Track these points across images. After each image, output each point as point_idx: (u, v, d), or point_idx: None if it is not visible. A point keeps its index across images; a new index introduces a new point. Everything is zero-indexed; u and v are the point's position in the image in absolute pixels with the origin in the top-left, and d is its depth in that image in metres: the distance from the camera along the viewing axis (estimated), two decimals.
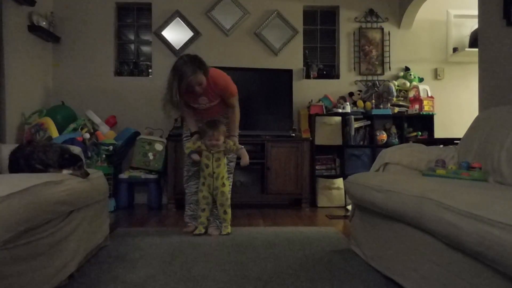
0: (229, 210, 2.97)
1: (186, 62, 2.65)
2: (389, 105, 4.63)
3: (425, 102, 4.62)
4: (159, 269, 2.05)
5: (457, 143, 2.34)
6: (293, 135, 4.42)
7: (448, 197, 1.33)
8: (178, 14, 4.74)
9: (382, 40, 4.94)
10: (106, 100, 4.68)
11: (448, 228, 1.26)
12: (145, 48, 4.96)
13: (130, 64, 4.87)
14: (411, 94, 4.77)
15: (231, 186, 3.08)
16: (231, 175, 3.12)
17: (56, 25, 4.55)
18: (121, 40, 4.92)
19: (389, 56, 4.94)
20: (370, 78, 4.94)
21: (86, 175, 2.07)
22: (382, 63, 4.94)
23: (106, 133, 4.24)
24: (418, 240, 1.57)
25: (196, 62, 2.66)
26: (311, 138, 4.47)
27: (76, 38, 4.68)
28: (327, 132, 4.52)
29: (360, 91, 4.86)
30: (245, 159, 2.99)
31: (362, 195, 2.08)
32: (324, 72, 4.96)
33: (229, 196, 2.98)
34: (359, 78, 4.94)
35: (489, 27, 3.00)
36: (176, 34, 4.76)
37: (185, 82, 2.62)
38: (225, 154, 2.95)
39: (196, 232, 2.91)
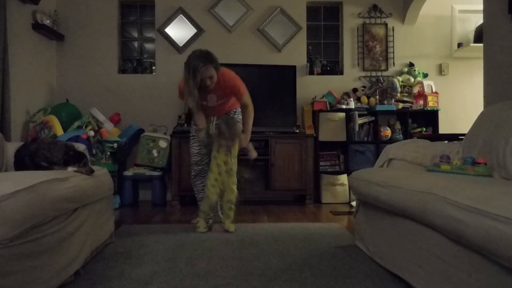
0: (234, 208, 2.99)
1: (198, 56, 2.74)
2: (393, 101, 4.62)
3: (429, 98, 4.60)
4: (164, 265, 2.06)
5: (461, 139, 2.33)
6: (297, 131, 4.42)
7: (452, 192, 1.33)
8: (181, 11, 4.74)
9: (386, 36, 4.92)
10: (110, 98, 4.69)
11: (453, 223, 1.26)
12: (148, 46, 4.96)
13: (133, 61, 4.87)
14: (416, 89, 4.75)
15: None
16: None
17: (59, 23, 4.57)
18: (124, 37, 4.92)
19: (393, 52, 4.92)
20: (374, 74, 4.92)
21: (91, 172, 2.08)
22: (386, 59, 4.92)
23: (110, 130, 4.26)
24: (423, 236, 1.56)
25: (208, 56, 2.75)
26: (315, 134, 4.46)
27: (79, 36, 4.69)
28: (331, 128, 4.51)
29: (364, 87, 4.84)
30: (252, 151, 3.06)
31: (367, 191, 2.07)
32: (328, 68, 4.95)
33: (236, 195, 2.99)
34: (363, 74, 4.92)
35: (494, 22, 2.98)
36: (179, 31, 4.76)
37: (199, 74, 2.70)
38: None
39: (200, 230, 2.92)
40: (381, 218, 2.02)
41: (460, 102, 4.90)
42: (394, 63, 4.93)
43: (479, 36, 4.43)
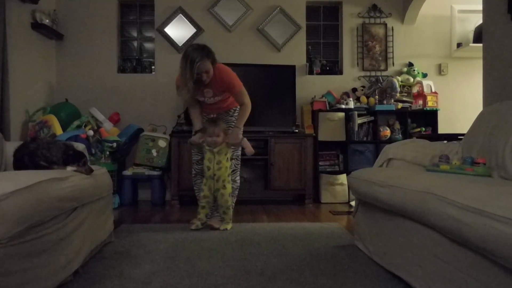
0: (228, 211, 2.99)
1: (196, 49, 2.76)
2: (392, 100, 4.62)
3: (428, 98, 4.60)
4: (163, 265, 2.06)
5: (461, 139, 2.33)
6: (296, 131, 4.42)
7: (452, 192, 1.33)
8: (180, 10, 4.74)
9: (386, 36, 4.92)
10: (109, 97, 4.69)
11: (452, 223, 1.26)
12: (148, 45, 4.96)
13: (133, 61, 4.87)
14: (415, 89, 4.75)
15: (238, 184, 3.11)
16: (238, 163, 3.14)
17: (59, 23, 4.56)
18: (124, 37, 4.92)
19: (393, 52, 4.92)
20: (373, 73, 4.92)
21: (90, 171, 2.07)
22: (386, 59, 4.92)
23: (109, 130, 4.26)
24: (422, 235, 1.56)
25: (205, 50, 2.77)
26: (314, 134, 4.46)
27: (79, 35, 4.69)
28: (331, 128, 4.51)
29: (363, 86, 4.85)
30: (249, 148, 3.02)
31: (366, 191, 2.07)
32: (327, 68, 4.95)
33: (229, 198, 2.98)
34: (362, 73, 4.92)
35: (493, 22, 2.98)
36: (179, 30, 4.76)
37: (196, 67, 2.71)
38: (228, 147, 2.97)
39: (193, 227, 2.95)
40: (381, 218, 2.02)
41: (460, 102, 4.90)
42: (393, 63, 4.93)
43: (478, 36, 4.43)
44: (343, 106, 4.56)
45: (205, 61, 2.73)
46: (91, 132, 3.98)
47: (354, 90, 4.82)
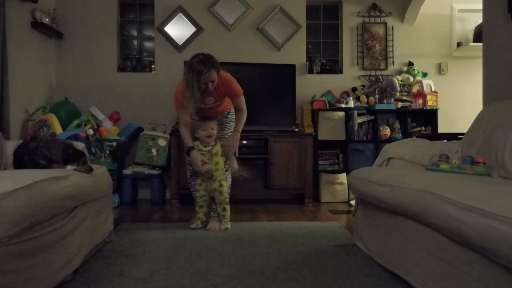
0: (227, 207, 3.01)
1: (202, 60, 2.77)
2: (392, 100, 4.62)
3: (428, 97, 4.61)
4: (163, 264, 2.06)
5: (460, 138, 2.33)
6: (296, 130, 4.42)
7: (451, 191, 1.33)
8: (180, 9, 4.74)
9: (386, 35, 4.92)
10: (109, 96, 4.69)
11: (452, 222, 1.26)
12: (148, 44, 4.96)
13: (133, 60, 4.87)
14: (415, 89, 4.75)
15: (230, 183, 3.12)
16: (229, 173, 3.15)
17: (59, 22, 4.56)
18: (124, 36, 4.92)
19: (393, 51, 4.92)
20: (373, 73, 4.92)
21: (90, 170, 2.08)
22: (386, 58, 4.92)
23: (109, 129, 4.25)
24: (422, 235, 1.57)
25: (211, 60, 2.78)
26: (314, 133, 4.46)
27: (79, 34, 4.69)
28: (330, 127, 4.51)
29: (363, 86, 4.85)
30: (234, 164, 3.07)
31: (366, 190, 2.08)
32: (327, 67, 4.95)
33: (227, 194, 3.01)
34: (362, 73, 4.92)
35: (493, 21, 2.98)
36: (178, 29, 4.76)
37: (203, 79, 2.73)
38: (223, 156, 2.99)
39: (193, 226, 2.97)
40: (380, 217, 2.03)
41: (459, 101, 4.90)
42: (393, 62, 4.93)
43: (478, 35, 4.43)
44: (343, 105, 4.56)
45: (212, 72, 2.76)
46: (91, 131, 3.98)
47: (354, 89, 4.82)
